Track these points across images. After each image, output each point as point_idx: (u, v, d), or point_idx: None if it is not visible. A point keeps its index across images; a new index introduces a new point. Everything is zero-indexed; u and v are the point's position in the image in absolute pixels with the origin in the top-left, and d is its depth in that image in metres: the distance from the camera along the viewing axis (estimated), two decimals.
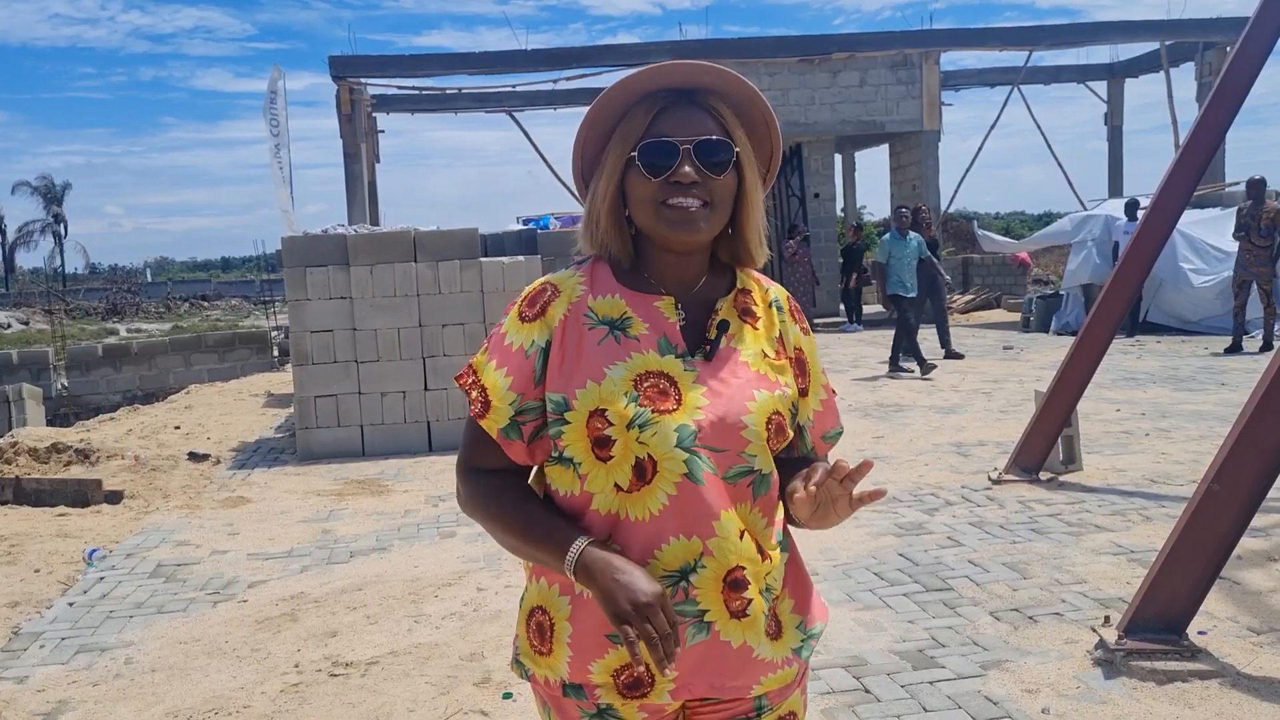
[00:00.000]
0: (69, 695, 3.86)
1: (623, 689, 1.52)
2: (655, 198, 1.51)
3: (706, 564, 1.48)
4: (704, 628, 1.49)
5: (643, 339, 1.53)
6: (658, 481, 1.47)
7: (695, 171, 1.50)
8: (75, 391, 16.15)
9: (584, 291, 1.57)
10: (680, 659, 1.48)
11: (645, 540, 1.48)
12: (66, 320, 32.53)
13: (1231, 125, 5.76)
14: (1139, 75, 22.87)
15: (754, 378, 1.54)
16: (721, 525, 1.48)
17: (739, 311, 1.60)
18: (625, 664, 1.51)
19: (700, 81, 1.55)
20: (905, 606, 4.35)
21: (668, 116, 1.52)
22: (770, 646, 1.54)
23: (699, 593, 1.48)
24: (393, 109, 21.85)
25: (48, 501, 6.94)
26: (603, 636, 1.51)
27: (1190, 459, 6.70)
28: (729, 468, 1.49)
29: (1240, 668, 3.55)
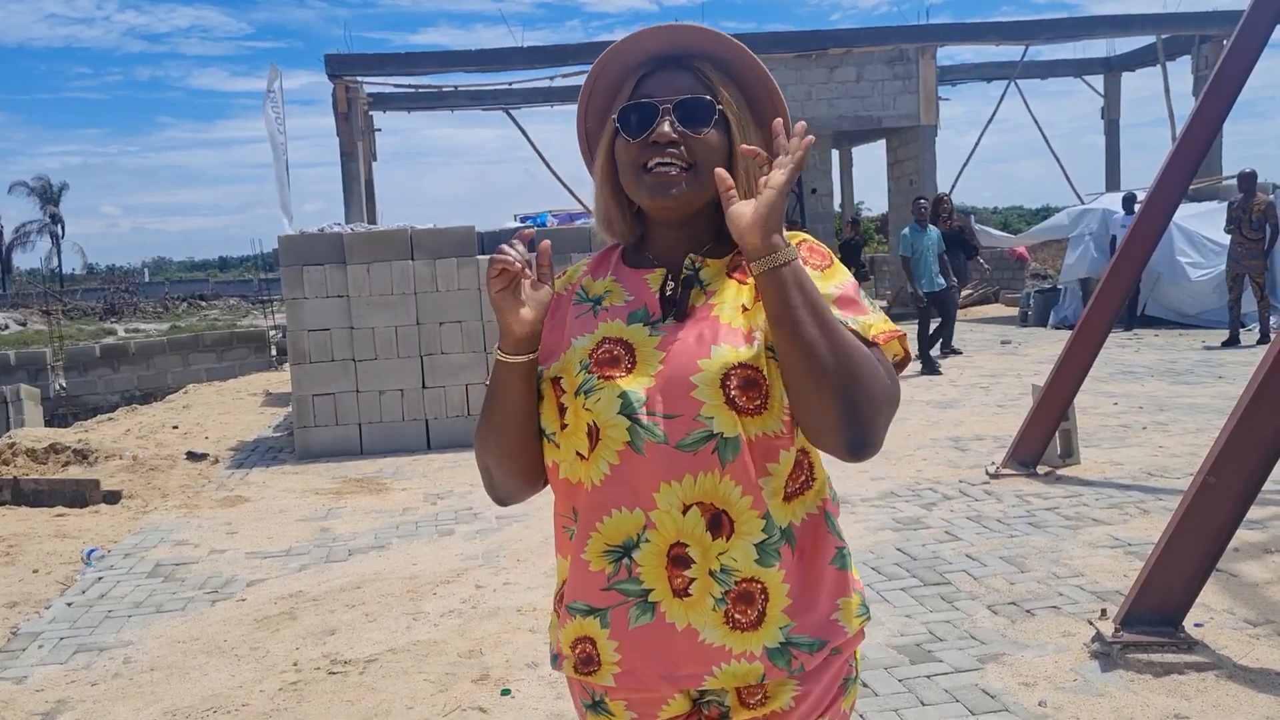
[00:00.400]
0: (68, 695, 3.86)
1: (578, 663, 1.48)
2: (636, 161, 1.46)
3: (650, 538, 1.40)
4: (648, 609, 1.41)
5: (614, 309, 1.49)
6: (600, 449, 1.42)
7: (673, 130, 1.43)
8: (73, 392, 16.15)
9: (584, 273, 1.58)
10: (626, 643, 1.44)
11: (590, 510, 1.44)
12: (64, 321, 32.51)
13: (1227, 118, 5.77)
14: (1135, 69, 22.84)
15: (720, 332, 1.41)
16: (662, 497, 1.39)
17: (729, 270, 1.49)
18: (580, 636, 1.48)
19: (684, 44, 1.49)
20: (903, 601, 4.35)
21: (650, 80, 1.48)
22: (723, 632, 1.40)
23: (642, 570, 1.41)
24: (389, 107, 21.82)
25: (46, 502, 6.94)
26: (564, 607, 1.50)
27: (1188, 452, 6.71)
28: (685, 434, 1.38)
29: (1237, 659, 3.56)
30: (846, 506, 5.88)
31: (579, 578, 1.47)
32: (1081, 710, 3.29)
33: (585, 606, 1.46)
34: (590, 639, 1.46)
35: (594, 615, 1.45)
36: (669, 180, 1.43)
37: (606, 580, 1.44)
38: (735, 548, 1.40)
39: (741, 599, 1.40)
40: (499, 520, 6.06)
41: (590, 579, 1.45)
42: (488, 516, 6.18)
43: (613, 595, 1.43)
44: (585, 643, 1.47)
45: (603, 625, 1.44)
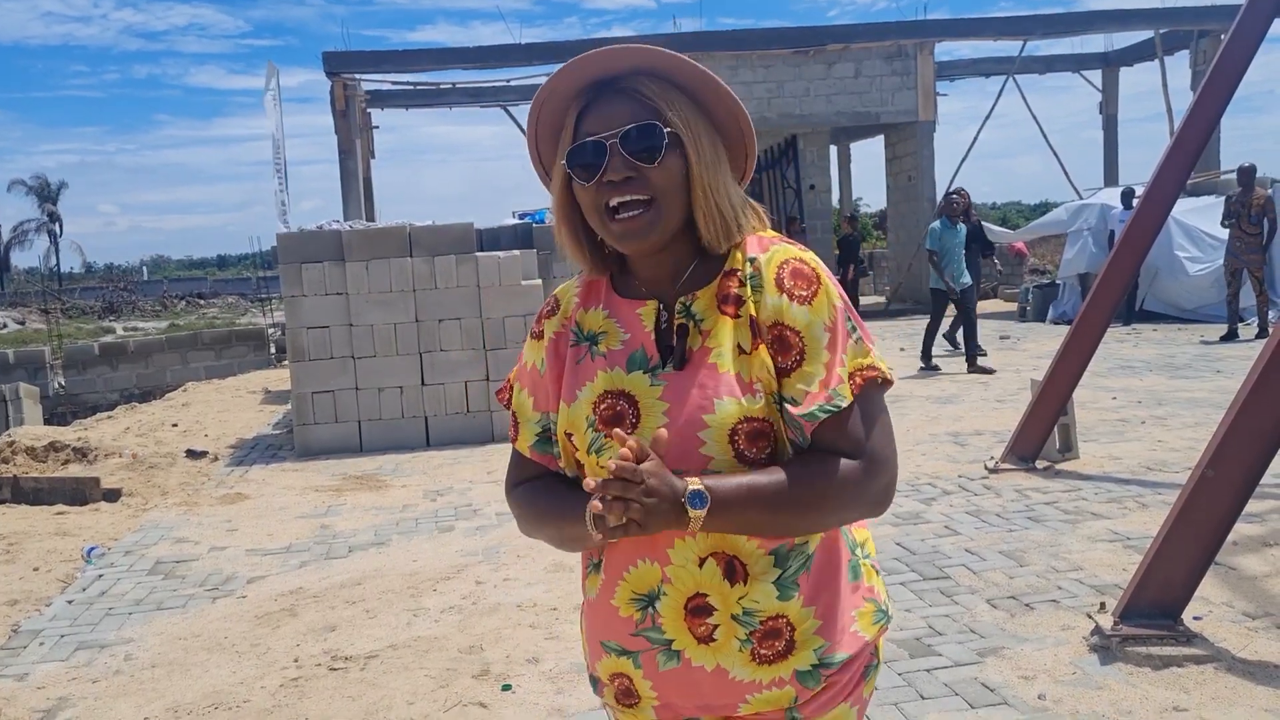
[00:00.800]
0: (69, 692, 3.87)
1: (618, 695, 1.53)
2: (597, 203, 1.41)
3: (667, 591, 1.42)
4: (674, 655, 1.44)
5: (611, 355, 1.47)
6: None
7: (625, 165, 1.38)
8: (72, 390, 16.15)
9: (576, 304, 1.54)
10: (659, 683, 1.47)
11: (617, 559, 1.47)
12: (62, 319, 32.49)
13: (1225, 113, 5.78)
14: (1134, 64, 22.85)
15: (721, 384, 1.39)
16: (676, 553, 1.40)
17: (719, 300, 1.44)
18: (616, 672, 1.51)
19: (622, 65, 1.41)
20: (903, 595, 4.36)
21: (590, 113, 1.42)
22: (751, 670, 1.43)
23: (664, 620, 1.43)
24: (387, 105, 21.82)
25: (46, 500, 6.95)
26: (599, 642, 1.53)
27: (1187, 446, 6.71)
28: None
29: (1235, 652, 3.57)
30: None
31: (609, 620, 1.49)
32: (1081, 703, 3.30)
33: (619, 648, 1.49)
34: (627, 675, 1.50)
35: (627, 656, 1.48)
36: (636, 228, 1.40)
37: (635, 626, 1.46)
38: (754, 590, 1.41)
39: (768, 636, 1.42)
40: (499, 517, 6.07)
41: (620, 623, 1.48)
42: (487, 513, 6.19)
43: (641, 641, 1.46)
44: (622, 678, 1.51)
45: (635, 665, 1.48)
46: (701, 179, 1.42)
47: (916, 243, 19.39)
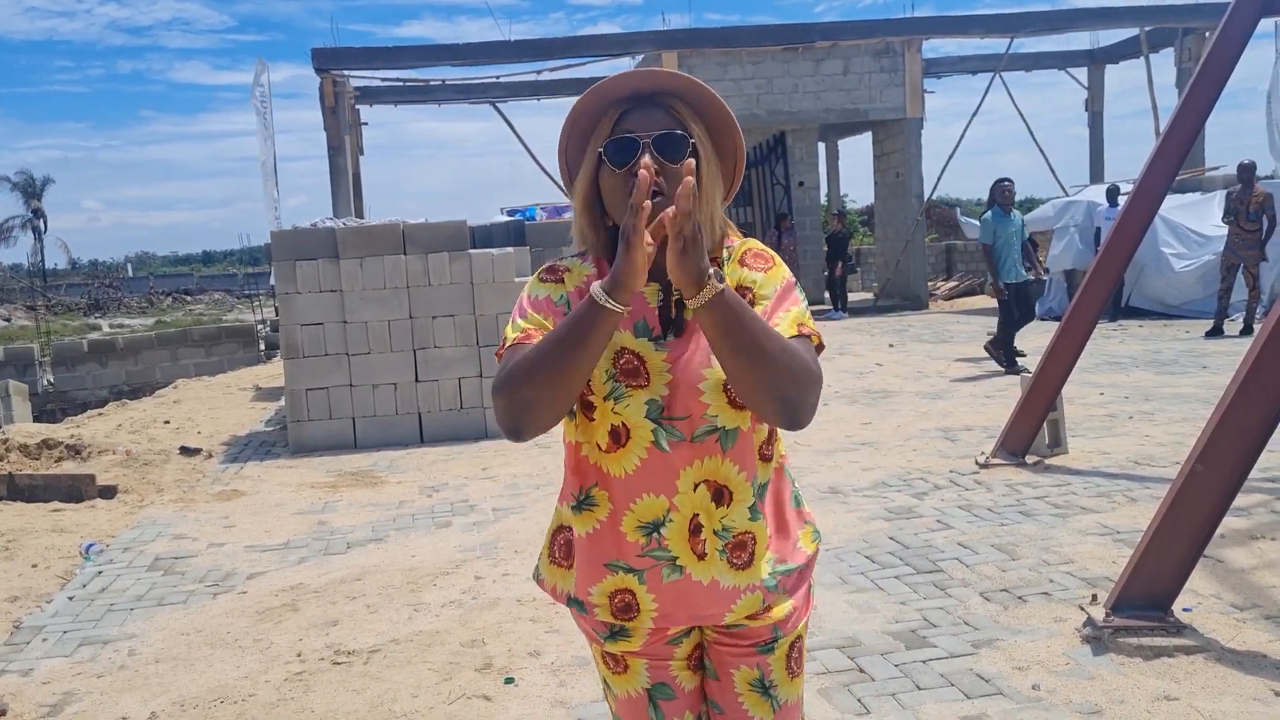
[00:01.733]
0: (75, 687, 3.90)
1: (616, 611, 1.78)
2: (622, 188, 1.65)
3: (673, 518, 1.72)
4: (677, 569, 1.73)
5: (621, 322, 1.65)
6: (631, 446, 1.71)
7: (654, 161, 1.63)
8: (61, 387, 16.11)
9: (591, 275, 1.78)
10: (662, 595, 1.75)
11: (624, 494, 1.74)
12: (48, 316, 32.34)
13: (1212, 110, 5.85)
14: (1119, 61, 22.98)
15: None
16: (682, 483, 1.71)
17: None
18: (618, 589, 1.77)
19: (660, 85, 1.71)
20: (897, 588, 4.43)
21: (631, 116, 1.69)
22: (733, 575, 1.74)
23: (669, 541, 1.73)
24: (376, 101, 21.78)
25: (41, 497, 6.95)
26: (602, 565, 1.77)
27: (1174, 441, 6.81)
28: (695, 429, 1.70)
29: (1224, 643, 3.65)
30: (839, 496, 5.96)
31: (617, 543, 1.75)
32: (1074, 693, 3.37)
33: (625, 566, 1.76)
34: (629, 590, 1.77)
35: (632, 574, 1.76)
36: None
37: (641, 549, 1.74)
38: (734, 512, 1.74)
39: (736, 547, 1.75)
40: (495, 513, 6.11)
41: (627, 546, 1.75)
42: (484, 509, 6.23)
43: (647, 560, 1.74)
44: (624, 594, 1.77)
45: (640, 581, 1.76)
46: (706, 189, 1.71)
47: (904, 239, 19.50)
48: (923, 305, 19.32)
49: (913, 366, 11.18)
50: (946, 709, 3.31)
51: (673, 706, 1.88)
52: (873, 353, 12.58)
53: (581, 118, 1.73)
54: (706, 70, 18.48)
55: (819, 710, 3.34)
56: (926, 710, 3.31)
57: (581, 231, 1.77)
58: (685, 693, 1.88)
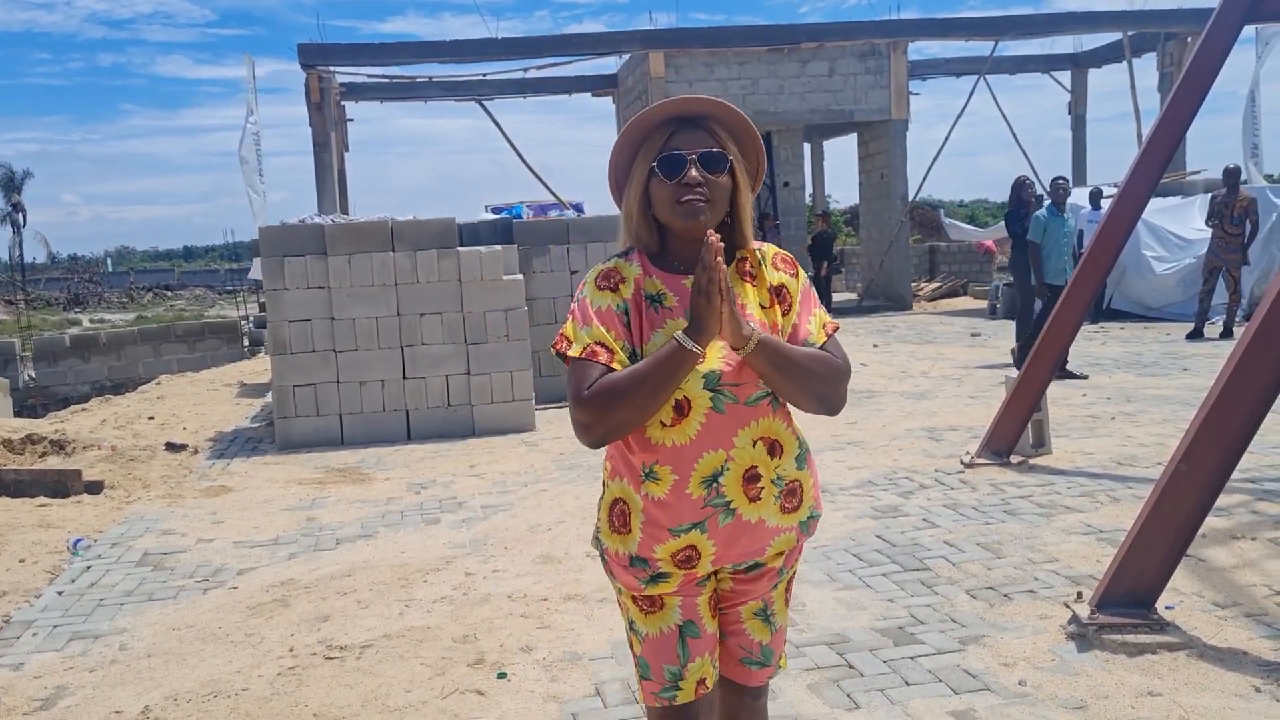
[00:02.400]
0: (66, 681, 3.91)
1: (679, 563, 2.08)
2: (672, 197, 2.03)
3: (729, 468, 2.04)
4: (730, 513, 2.05)
5: (674, 309, 2.05)
6: (692, 415, 2.02)
7: (700, 174, 2.02)
8: (43, 382, 16.01)
9: (639, 274, 2.10)
10: (718, 539, 2.06)
11: (687, 457, 2.03)
12: (27, 311, 32.10)
13: (1196, 116, 5.92)
14: (1102, 65, 23.17)
15: (758, 325, 2.03)
16: (739, 439, 2.04)
17: (740, 276, 2.11)
18: (683, 546, 2.06)
19: (701, 110, 2.07)
20: (884, 586, 4.48)
21: (678, 136, 2.05)
22: (779, 517, 2.10)
23: (725, 488, 2.04)
24: (361, 97, 21.74)
25: (27, 492, 6.92)
26: (666, 530, 2.06)
27: (1155, 442, 6.89)
28: (749, 395, 2.03)
29: (1206, 640, 3.71)
30: (826, 495, 6.01)
31: (684, 506, 2.04)
32: (1060, 688, 3.43)
33: (690, 525, 2.05)
34: (693, 545, 2.06)
35: (695, 527, 2.05)
36: (698, 209, 2.02)
37: (704, 500, 2.04)
38: (785, 462, 2.10)
39: (789, 494, 2.11)
40: (484, 510, 6.14)
41: (692, 503, 2.04)
42: (473, 506, 6.25)
43: (707, 510, 2.05)
44: (688, 549, 2.07)
45: (702, 532, 2.06)
46: (743, 197, 2.10)
47: (888, 240, 19.60)
48: (906, 306, 19.44)
49: (897, 367, 11.26)
50: (934, 704, 3.36)
51: (697, 644, 2.15)
52: (858, 353, 12.65)
53: (633, 137, 2.08)
54: (693, 70, 18.53)
55: (809, 705, 3.39)
56: (915, 705, 3.36)
57: (636, 233, 2.11)
58: (707, 633, 2.16)
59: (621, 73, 21.69)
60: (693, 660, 2.14)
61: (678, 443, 2.02)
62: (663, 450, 2.03)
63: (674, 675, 2.14)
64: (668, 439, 2.03)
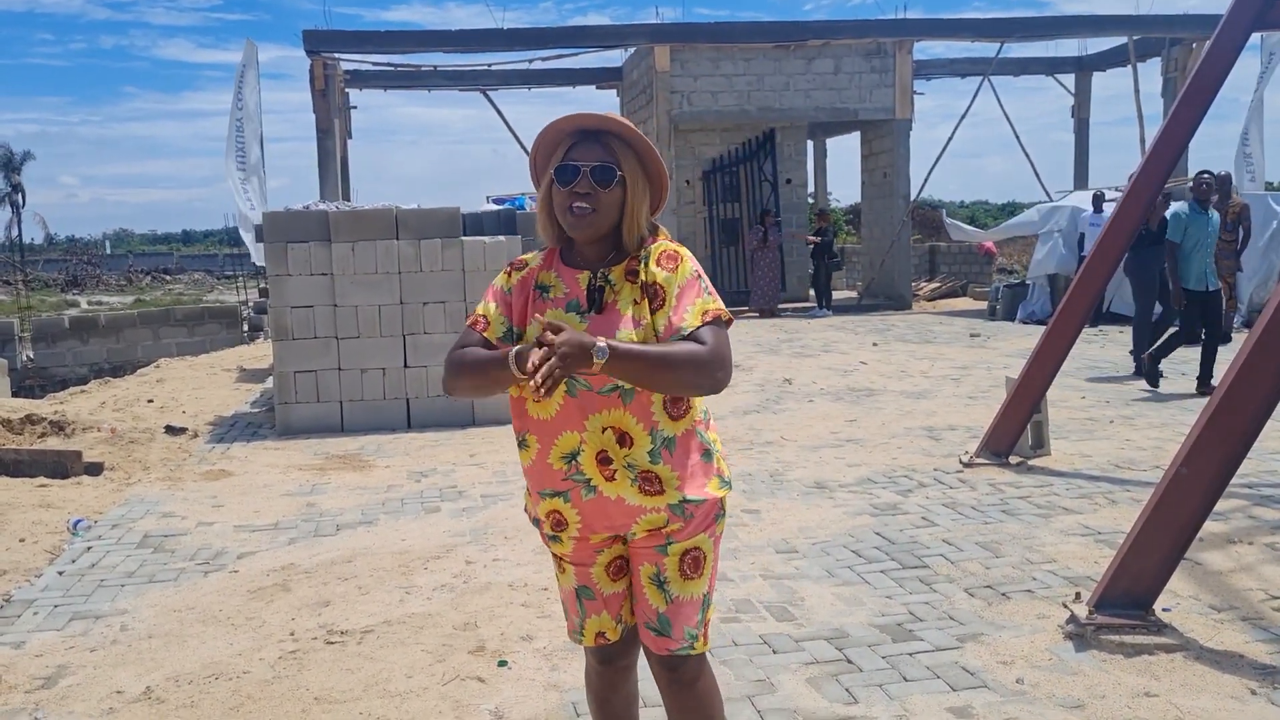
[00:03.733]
0: (68, 660, 3.92)
1: (553, 526, 2.37)
2: (564, 203, 2.26)
3: (584, 449, 2.25)
4: (591, 489, 2.27)
5: (557, 300, 2.32)
6: (554, 395, 2.22)
7: (588, 184, 2.23)
8: (41, 364, 15.99)
9: (538, 265, 2.39)
10: (582, 510, 2.30)
11: (549, 431, 2.28)
12: (25, 291, 32.05)
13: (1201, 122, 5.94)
14: (1106, 69, 23.19)
15: (624, 321, 2.23)
16: (590, 424, 2.24)
17: (626, 274, 2.29)
18: (551, 509, 2.34)
19: (602, 126, 2.28)
20: (883, 583, 4.50)
21: (577, 148, 2.26)
22: (641, 498, 2.26)
23: (583, 466, 2.26)
24: (365, 85, 21.70)
25: (27, 472, 6.93)
26: (538, 492, 2.36)
27: (1153, 445, 6.92)
28: (601, 385, 2.20)
29: (1203, 642, 3.74)
30: (825, 492, 6.03)
31: (546, 473, 2.31)
32: (1057, 687, 3.45)
33: (552, 491, 2.32)
34: (558, 510, 2.34)
35: (559, 495, 2.32)
36: (584, 220, 2.25)
37: (564, 474, 2.29)
38: (635, 453, 2.26)
39: (646, 479, 2.27)
40: (484, 499, 6.16)
41: (554, 474, 2.30)
42: (473, 495, 6.27)
43: (569, 483, 2.29)
44: (555, 513, 2.35)
45: (565, 500, 2.32)
46: (631, 207, 2.29)
47: (889, 239, 19.62)
48: (906, 305, 19.45)
49: (896, 366, 11.27)
50: (932, 700, 3.38)
51: (592, 605, 2.45)
52: (857, 351, 12.68)
53: (544, 141, 2.32)
54: (698, 65, 18.52)
55: (808, 700, 3.41)
56: (913, 701, 3.38)
57: (543, 227, 2.37)
58: (603, 596, 2.43)
59: (626, 66, 21.67)
60: (589, 617, 2.46)
61: (541, 417, 2.28)
62: (531, 422, 2.30)
63: (578, 624, 2.49)
64: (535, 412, 2.29)
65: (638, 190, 2.28)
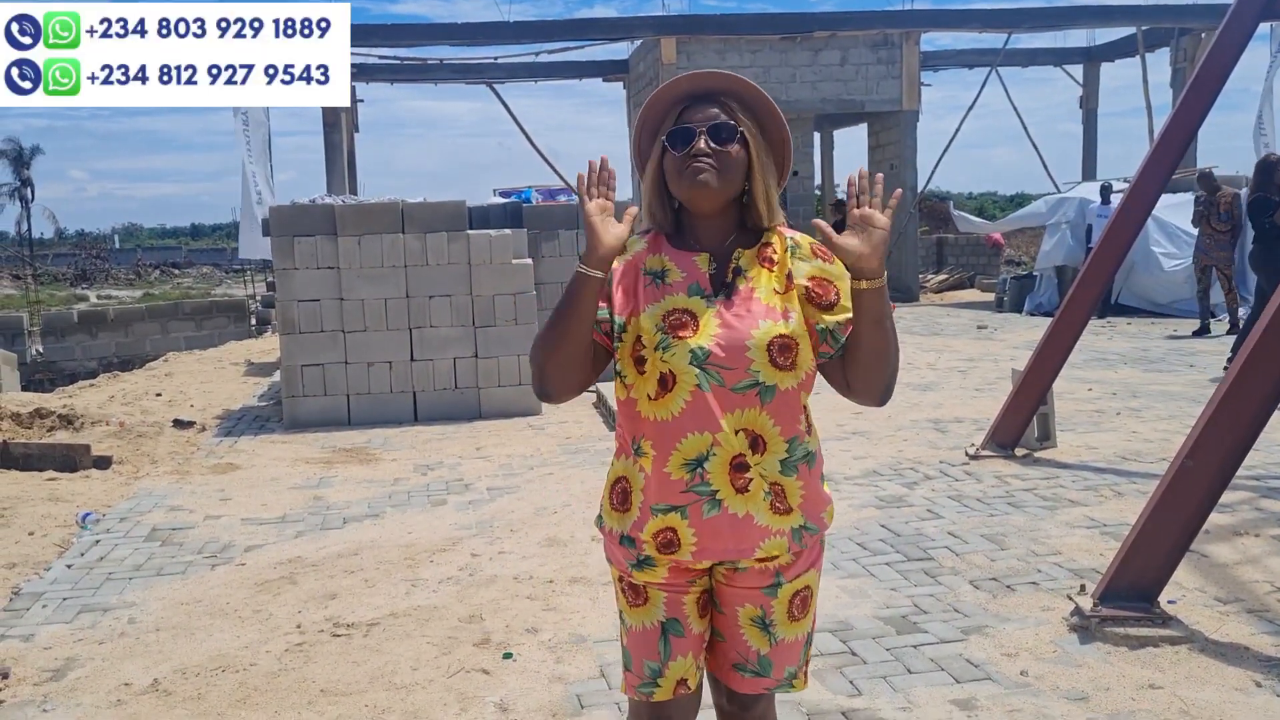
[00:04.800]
0: (76, 653, 3.95)
1: (659, 547, 2.01)
2: (680, 167, 1.98)
3: (716, 453, 1.96)
4: (716, 504, 1.97)
5: (675, 285, 2.01)
6: (677, 390, 1.95)
7: (707, 145, 1.97)
8: (50, 358, 16.06)
9: (643, 250, 2.08)
10: (701, 530, 1.98)
11: (670, 435, 1.97)
12: (34, 286, 32.18)
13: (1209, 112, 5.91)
14: (1115, 59, 23.08)
15: (764, 310, 1.97)
16: (725, 424, 1.94)
17: (759, 259, 2.02)
18: (662, 528, 2.00)
19: (717, 86, 2.03)
20: (888, 575, 4.50)
21: (690, 111, 2.01)
22: (769, 516, 1.98)
23: (711, 475, 1.96)
24: (372, 78, 21.70)
25: (36, 466, 6.96)
26: (649, 508, 2.01)
27: (1160, 438, 6.90)
28: (737, 381, 1.94)
29: (1208, 634, 3.73)
30: (830, 484, 5.99)
31: (662, 484, 1.99)
32: (1061, 680, 3.45)
33: (667, 506, 1.99)
34: (672, 529, 2.00)
35: (675, 510, 1.99)
36: (700, 172, 1.97)
37: (685, 484, 1.98)
38: (766, 461, 1.98)
39: (777, 494, 1.99)
40: (490, 492, 6.17)
41: (672, 485, 1.98)
42: (479, 488, 6.28)
43: (690, 495, 1.98)
44: (667, 531, 2.00)
45: (682, 517, 1.99)
46: (759, 170, 2.02)
47: (897, 231, 19.56)
48: (913, 297, 19.43)
49: (903, 358, 11.18)
50: (937, 692, 3.39)
51: (680, 644, 2.07)
52: None
53: (652, 114, 2.06)
54: (704, 57, 18.48)
55: (812, 692, 3.41)
56: (917, 693, 3.38)
57: (650, 209, 2.08)
58: (692, 634, 2.08)
59: (633, 58, 21.64)
60: (674, 659, 2.07)
61: (660, 418, 1.97)
62: (647, 424, 1.99)
63: (654, 672, 2.08)
64: (652, 413, 1.98)
65: (761, 152, 2.02)
